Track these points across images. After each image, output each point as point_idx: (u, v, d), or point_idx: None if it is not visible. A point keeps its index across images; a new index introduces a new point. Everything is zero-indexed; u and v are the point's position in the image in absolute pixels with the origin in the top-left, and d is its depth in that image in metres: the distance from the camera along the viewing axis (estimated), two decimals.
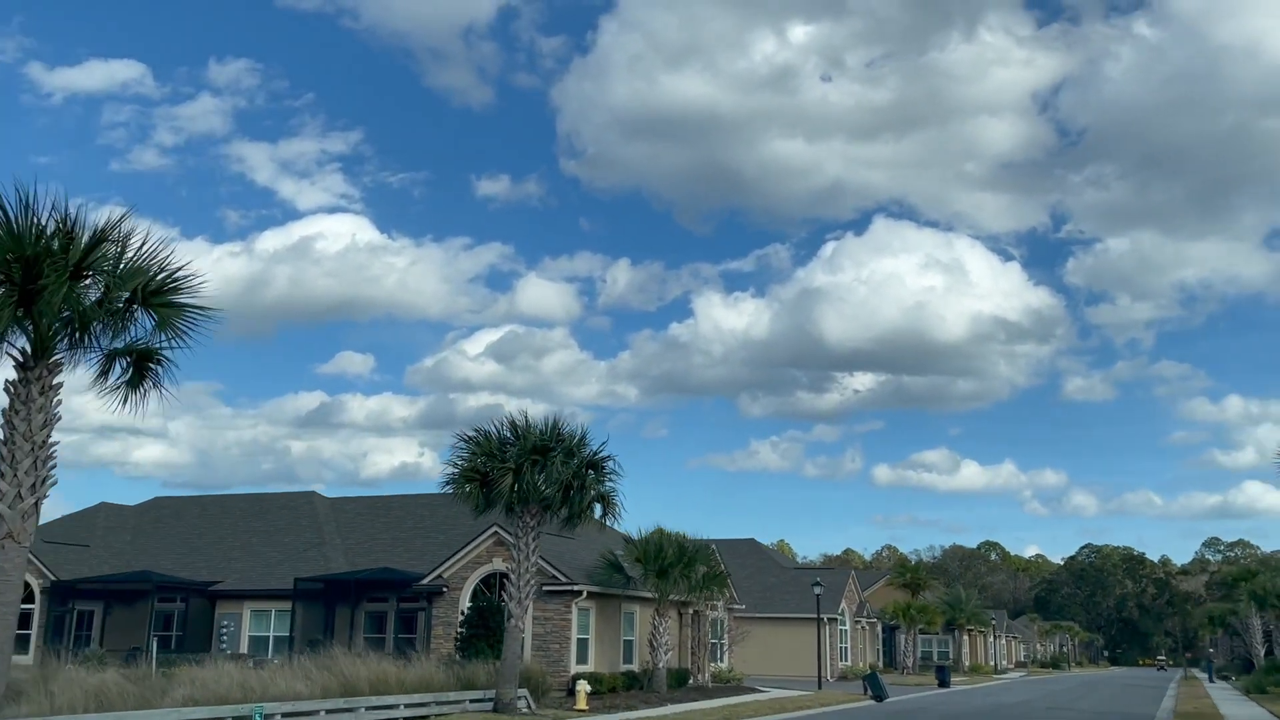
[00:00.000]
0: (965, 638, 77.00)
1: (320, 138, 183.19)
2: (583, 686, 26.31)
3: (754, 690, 37.33)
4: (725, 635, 42.43)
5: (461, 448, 24.55)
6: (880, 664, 63.29)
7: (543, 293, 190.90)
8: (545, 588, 31.79)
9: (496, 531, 32.24)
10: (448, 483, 24.63)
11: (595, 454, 24.84)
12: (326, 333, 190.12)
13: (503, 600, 24.97)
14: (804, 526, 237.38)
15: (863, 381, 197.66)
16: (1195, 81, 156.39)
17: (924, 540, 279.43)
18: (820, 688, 40.84)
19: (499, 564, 32.55)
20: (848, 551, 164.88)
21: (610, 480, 25.03)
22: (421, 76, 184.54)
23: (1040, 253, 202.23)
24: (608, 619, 34.00)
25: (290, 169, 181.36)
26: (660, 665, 32.49)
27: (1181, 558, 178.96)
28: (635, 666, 34.86)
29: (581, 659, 32.28)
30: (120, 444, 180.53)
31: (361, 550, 39.98)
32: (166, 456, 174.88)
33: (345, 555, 39.63)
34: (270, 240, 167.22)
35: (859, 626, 59.58)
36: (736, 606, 43.56)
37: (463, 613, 31.33)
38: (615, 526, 26.94)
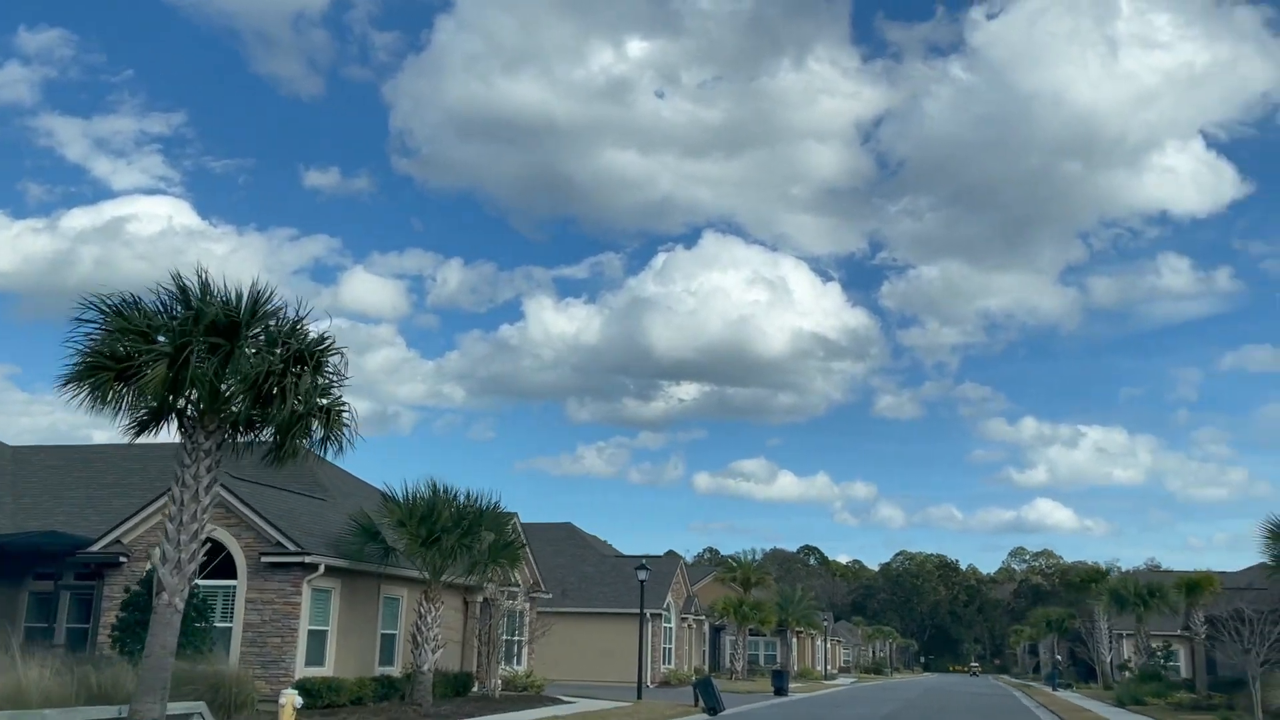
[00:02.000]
0: (795, 640, 71.08)
1: (139, 117, 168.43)
2: (289, 698, 17.50)
3: (555, 701, 29.14)
4: (526, 631, 34.13)
5: (93, 321, 15.35)
6: (706, 668, 56.14)
7: (370, 288, 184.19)
8: (265, 558, 22.82)
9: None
10: (69, 379, 15.36)
11: (315, 342, 16.05)
12: None
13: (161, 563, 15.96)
14: (627, 531, 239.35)
15: (687, 391, 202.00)
16: (1004, 124, 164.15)
17: (743, 546, 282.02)
18: (640, 696, 32.96)
19: (209, 526, 23.26)
20: (670, 553, 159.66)
21: (336, 386, 16.29)
22: (249, 62, 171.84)
23: (858, 276, 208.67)
24: (359, 605, 25.18)
25: (105, 147, 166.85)
26: (425, 668, 23.83)
27: (981, 569, 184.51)
28: (397, 669, 26.16)
29: (315, 659, 23.37)
30: None
31: (40, 511, 29.80)
32: None
33: (14, 517, 29.41)
34: (78, 219, 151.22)
35: (686, 625, 52.15)
36: (541, 595, 35.28)
37: (127, 590, 22.03)
38: (335, 461, 18.17)
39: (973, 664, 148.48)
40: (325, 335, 16.16)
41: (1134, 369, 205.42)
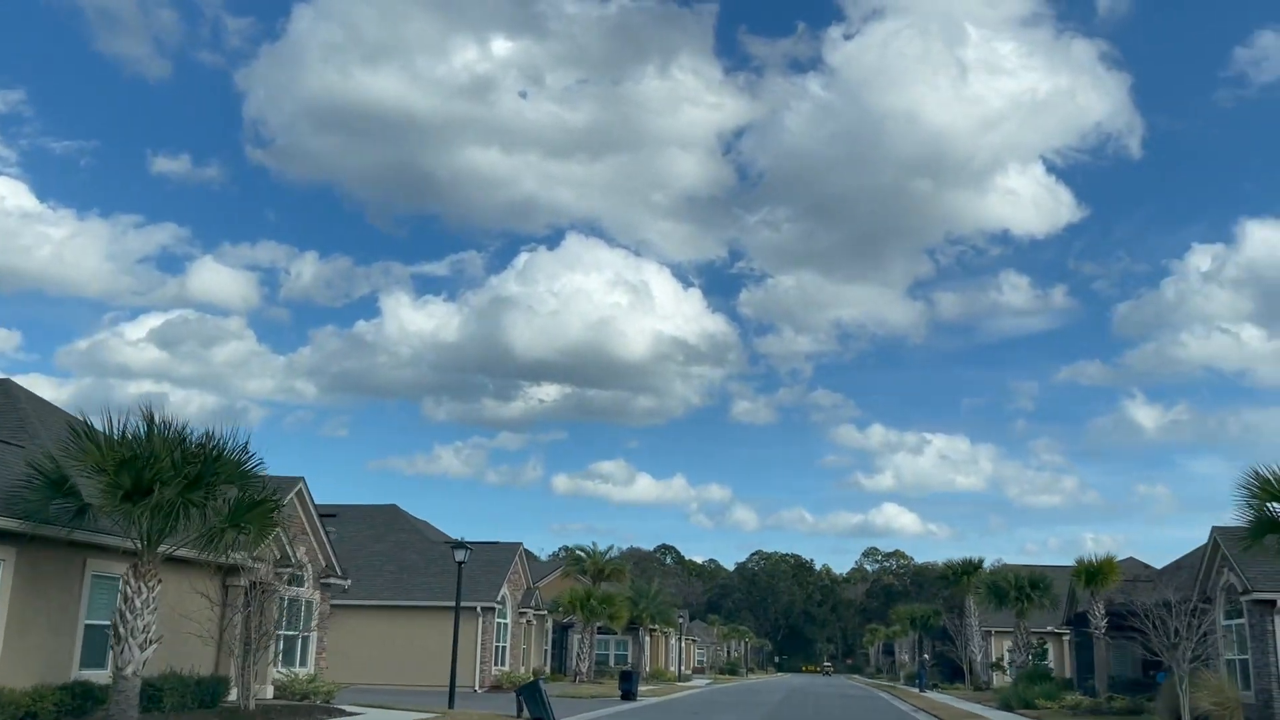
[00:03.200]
0: (648, 639, 65.84)
1: None
2: None
3: (336, 713, 22.71)
4: (315, 625, 27.55)
5: None
6: (548, 669, 50.16)
7: (219, 279, 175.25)
8: None
9: None
10: None
11: None
12: None
13: None
14: (483, 532, 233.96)
15: (548, 392, 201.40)
16: (859, 140, 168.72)
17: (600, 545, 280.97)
18: (452, 705, 26.75)
19: None
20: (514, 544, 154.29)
21: None
22: (92, 40, 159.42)
23: (718, 283, 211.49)
24: (50, 586, 18.34)
25: None
26: (130, 671, 17.09)
27: (835, 570, 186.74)
28: (109, 674, 19.35)
29: None
30: None
31: None
32: None
33: None
34: None
35: (525, 620, 46.04)
36: (337, 582, 28.69)
37: None
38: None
39: (825, 664, 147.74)
40: None
41: (976, 380, 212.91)
